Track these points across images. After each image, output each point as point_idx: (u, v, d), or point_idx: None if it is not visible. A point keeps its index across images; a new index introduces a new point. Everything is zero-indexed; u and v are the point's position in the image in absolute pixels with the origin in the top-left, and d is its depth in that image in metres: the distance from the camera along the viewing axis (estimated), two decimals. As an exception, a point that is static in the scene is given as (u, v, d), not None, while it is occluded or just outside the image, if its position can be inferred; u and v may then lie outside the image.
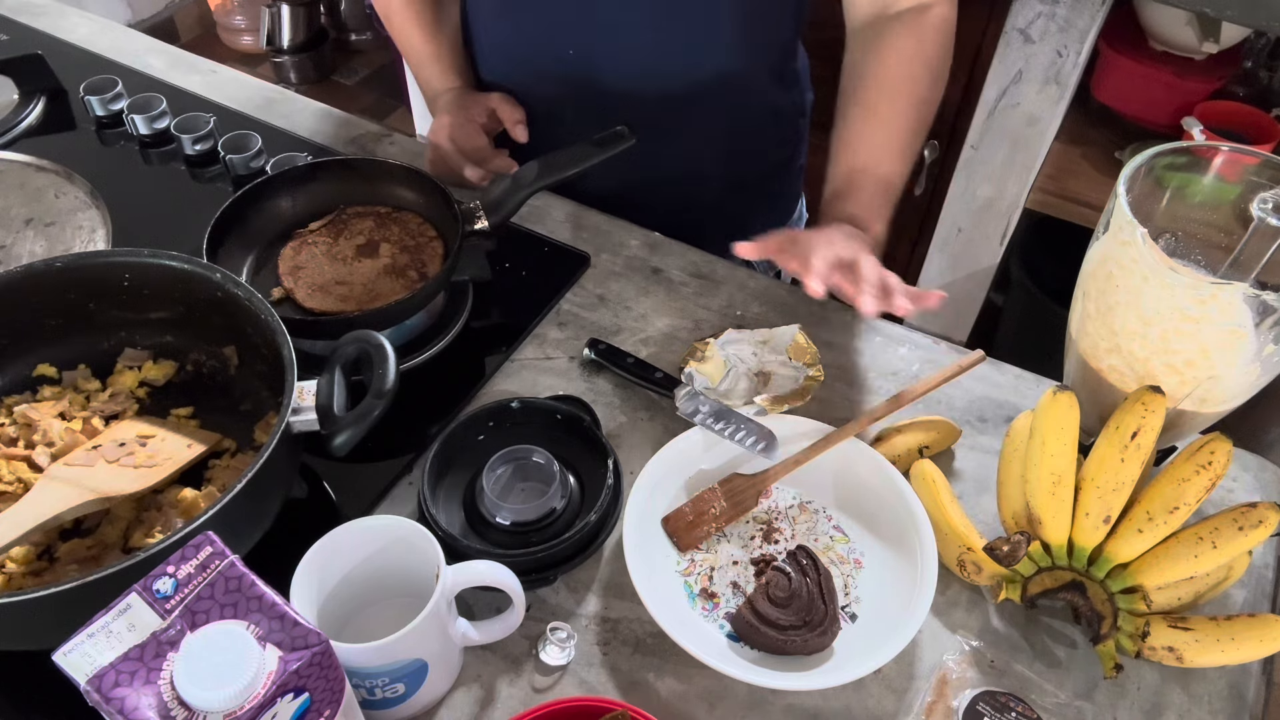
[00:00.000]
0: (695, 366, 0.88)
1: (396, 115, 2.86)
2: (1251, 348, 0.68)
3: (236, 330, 0.78)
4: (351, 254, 0.93)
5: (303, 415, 0.70)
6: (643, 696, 0.70)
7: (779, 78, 1.09)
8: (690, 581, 0.76)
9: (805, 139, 1.19)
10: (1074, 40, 1.50)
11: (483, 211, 0.91)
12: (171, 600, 0.53)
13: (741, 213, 1.17)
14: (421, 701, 0.67)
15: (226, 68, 1.27)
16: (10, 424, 0.77)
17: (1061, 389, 0.73)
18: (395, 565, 0.68)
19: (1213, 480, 0.69)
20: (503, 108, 1.05)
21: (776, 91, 1.10)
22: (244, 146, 1.08)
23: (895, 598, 0.73)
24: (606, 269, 1.01)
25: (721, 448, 0.81)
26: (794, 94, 1.13)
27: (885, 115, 0.95)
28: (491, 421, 0.80)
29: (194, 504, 0.73)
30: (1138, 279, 0.70)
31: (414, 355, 0.90)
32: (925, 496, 0.76)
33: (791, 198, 1.23)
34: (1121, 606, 0.70)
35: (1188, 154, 0.75)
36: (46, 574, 0.70)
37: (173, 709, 0.50)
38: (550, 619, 0.73)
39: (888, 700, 0.70)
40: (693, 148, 1.08)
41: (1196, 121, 1.55)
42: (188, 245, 0.81)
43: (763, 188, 1.17)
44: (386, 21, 1.13)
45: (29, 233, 0.97)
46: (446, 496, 0.77)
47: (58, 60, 1.19)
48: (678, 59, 1.00)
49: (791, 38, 1.08)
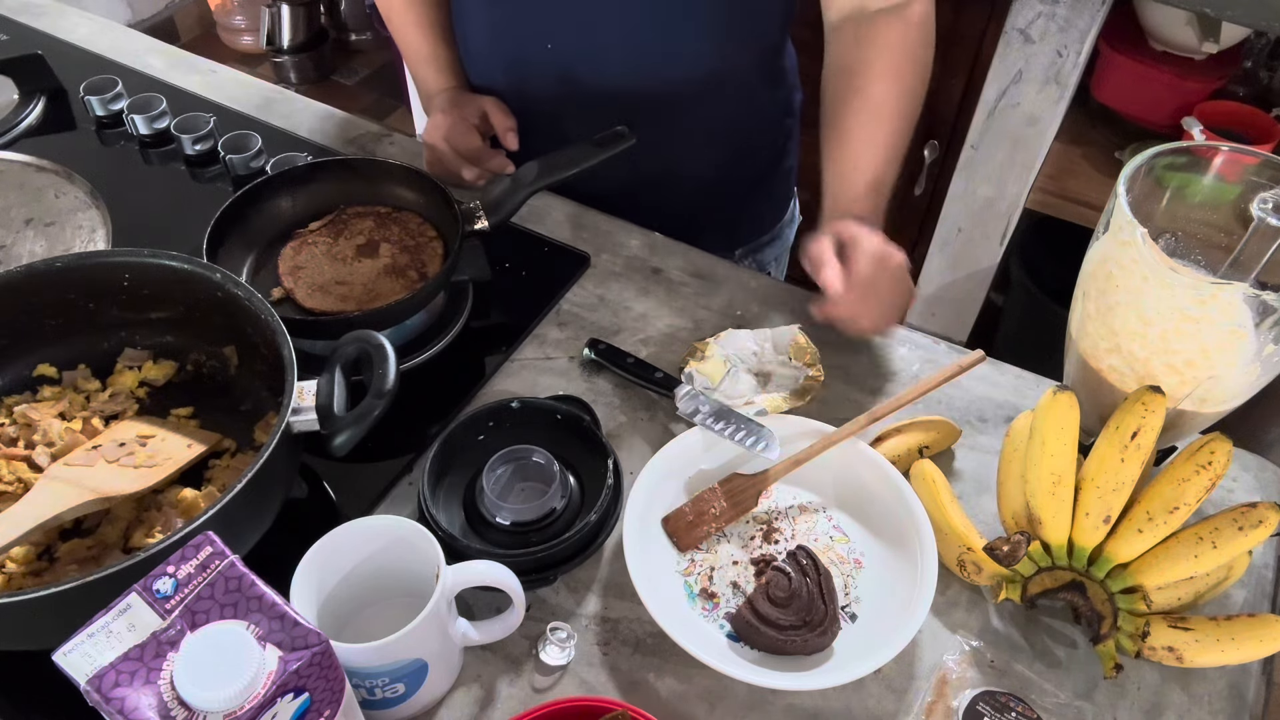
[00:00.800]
0: (695, 366, 0.88)
1: (396, 115, 2.86)
2: (1251, 348, 0.68)
3: (236, 330, 0.78)
4: (351, 254, 0.93)
5: (303, 415, 0.70)
6: (643, 696, 0.70)
7: (768, 76, 1.09)
8: (690, 581, 0.76)
9: (796, 137, 1.19)
10: (1074, 40, 1.50)
11: (483, 211, 0.91)
12: (171, 600, 0.53)
13: (734, 211, 1.17)
14: (421, 701, 0.67)
15: (226, 68, 1.27)
16: (10, 424, 0.77)
17: (1061, 389, 0.73)
18: (395, 565, 0.68)
19: (1213, 480, 0.69)
20: (495, 113, 1.05)
21: (766, 90, 1.10)
22: (244, 146, 1.08)
23: (895, 598, 0.73)
24: (606, 269, 1.01)
25: (721, 448, 0.81)
26: (783, 92, 1.13)
27: (875, 111, 0.95)
28: (491, 421, 0.80)
29: (194, 504, 0.73)
30: (1138, 279, 0.70)
31: (414, 355, 0.90)
32: (925, 496, 0.76)
33: (784, 196, 1.23)
34: (1121, 606, 0.70)
35: (1188, 154, 0.75)
36: (46, 574, 0.70)
37: (173, 709, 0.50)
38: (550, 619, 0.73)
39: (888, 700, 0.70)
40: (682, 147, 1.08)
41: (1196, 121, 1.55)
42: (188, 245, 0.81)
43: (754, 186, 1.17)
44: (387, 20, 1.13)
45: (29, 233, 0.97)
46: (446, 496, 0.77)
47: (58, 60, 1.19)
48: (665, 59, 1.00)
49: (780, 37, 1.08)
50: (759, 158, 1.15)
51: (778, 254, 1.26)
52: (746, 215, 1.20)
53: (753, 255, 1.22)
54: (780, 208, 1.23)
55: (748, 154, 1.14)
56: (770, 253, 1.24)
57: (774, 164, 1.17)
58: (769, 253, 1.24)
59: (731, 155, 1.12)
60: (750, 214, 1.20)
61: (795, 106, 1.16)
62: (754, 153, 1.14)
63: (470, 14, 1.06)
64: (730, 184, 1.14)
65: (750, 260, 1.21)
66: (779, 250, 1.26)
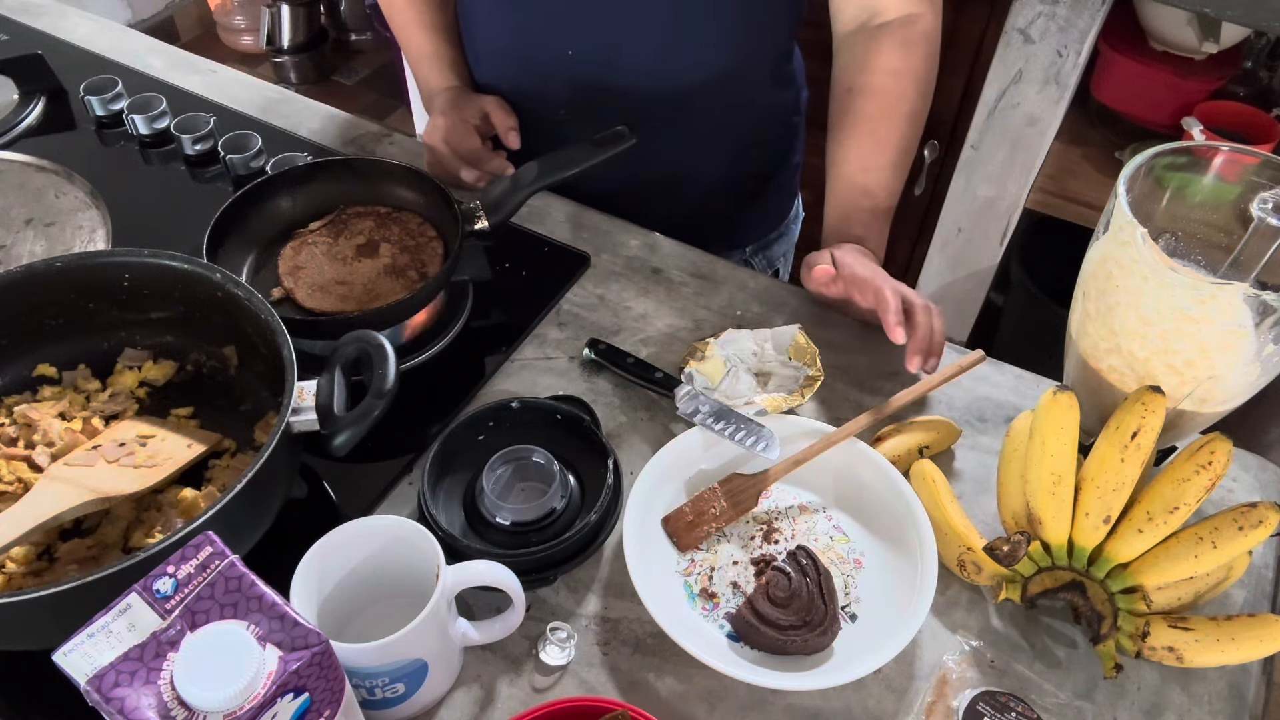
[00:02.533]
0: (695, 366, 0.88)
1: (396, 115, 2.86)
2: (1251, 348, 0.68)
3: (236, 330, 0.78)
4: (351, 254, 0.93)
5: (303, 415, 0.70)
6: (643, 696, 0.70)
7: (775, 79, 1.10)
8: (690, 581, 0.76)
9: (801, 136, 1.20)
10: (1074, 40, 1.50)
11: (483, 211, 0.91)
12: (171, 600, 0.53)
13: (739, 211, 1.17)
14: (421, 701, 0.67)
15: (226, 68, 1.27)
16: (10, 424, 0.77)
17: (1061, 389, 0.73)
18: (395, 565, 0.68)
19: (1213, 480, 0.69)
20: (496, 113, 1.05)
21: (773, 92, 1.11)
22: (244, 146, 1.08)
23: (895, 598, 0.73)
24: (606, 269, 1.01)
25: (721, 448, 0.81)
26: (789, 93, 1.13)
27: (879, 135, 0.97)
28: (491, 421, 0.80)
29: (194, 504, 0.73)
30: (1138, 279, 0.70)
31: (414, 355, 0.90)
32: (925, 496, 0.76)
33: (788, 195, 1.24)
34: (1121, 606, 0.70)
35: (1188, 154, 0.75)
36: (46, 574, 0.70)
37: (173, 709, 0.50)
38: (550, 619, 0.73)
39: (888, 700, 0.70)
40: (690, 148, 1.08)
41: (1196, 121, 1.55)
42: (188, 245, 0.81)
43: (760, 186, 1.18)
44: (389, 17, 1.13)
45: (29, 233, 0.97)
46: (446, 496, 0.77)
47: (58, 60, 1.19)
48: (683, 64, 1.00)
49: (787, 41, 1.09)
50: (767, 157, 1.16)
51: (785, 250, 1.28)
52: (756, 213, 1.20)
53: (762, 252, 1.23)
54: (787, 204, 1.24)
55: (757, 153, 1.14)
56: (779, 249, 1.25)
57: (780, 162, 1.18)
58: (778, 249, 1.25)
59: (740, 155, 1.12)
60: (759, 212, 1.20)
61: (801, 105, 1.17)
62: (762, 152, 1.15)
63: (487, 18, 1.06)
64: (740, 183, 1.15)
65: (760, 257, 1.22)
66: (786, 246, 1.27)
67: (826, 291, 0.91)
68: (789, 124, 1.16)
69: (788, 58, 1.11)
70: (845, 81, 0.99)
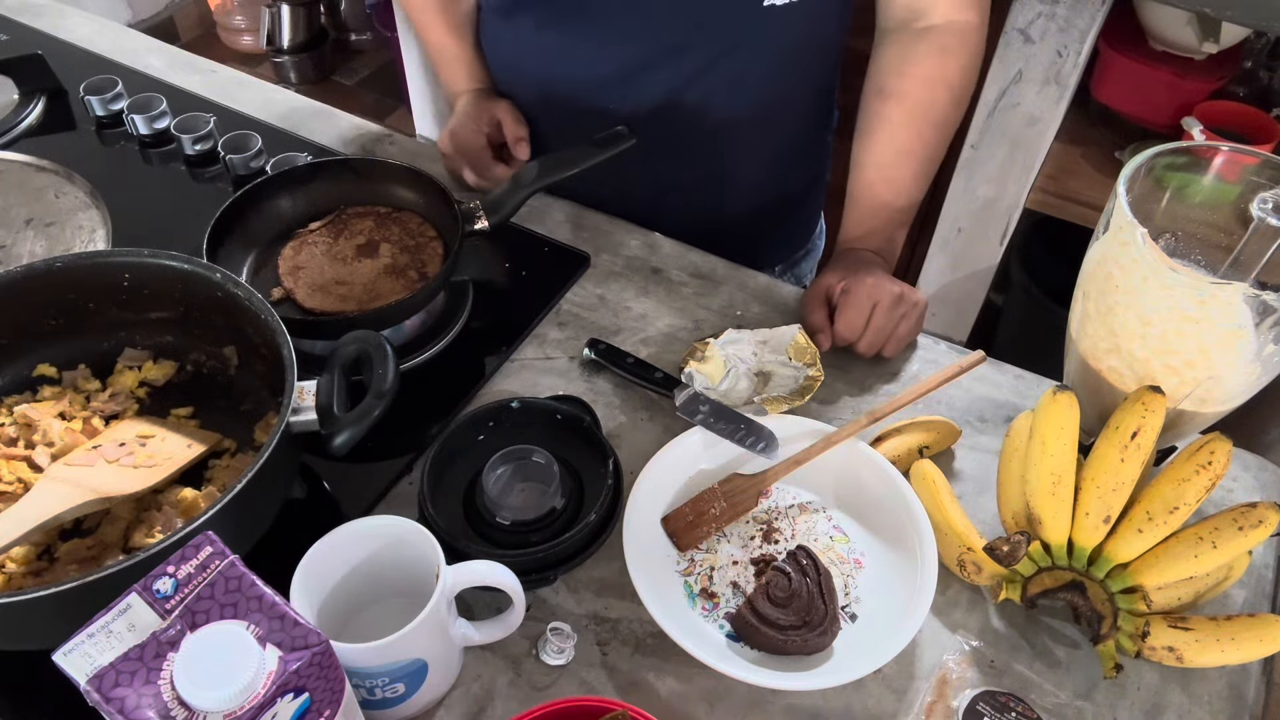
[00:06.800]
0: (695, 366, 0.88)
1: (396, 115, 2.86)
2: (1251, 348, 0.68)
3: (236, 330, 0.78)
4: (351, 254, 0.93)
5: (303, 415, 0.70)
6: (643, 696, 0.70)
7: (816, 111, 1.10)
8: (690, 581, 0.76)
9: (830, 152, 1.19)
10: (1074, 40, 1.50)
11: (482, 211, 0.91)
12: (171, 600, 0.53)
13: (769, 231, 1.18)
14: (421, 701, 0.67)
15: (226, 68, 1.27)
16: (10, 424, 0.77)
17: (1061, 389, 0.73)
18: (395, 565, 0.68)
19: (1213, 480, 0.69)
20: (508, 121, 1.05)
21: (812, 121, 1.10)
22: (244, 146, 1.08)
23: (895, 598, 0.73)
24: (606, 269, 1.01)
25: (721, 448, 0.81)
26: (827, 118, 1.14)
27: (903, 144, 0.96)
28: (491, 421, 0.80)
29: (194, 504, 0.73)
30: (1138, 279, 0.70)
31: (414, 355, 0.90)
32: (925, 496, 0.76)
33: (815, 210, 1.24)
34: (1121, 606, 0.70)
35: (1188, 154, 0.75)
36: (46, 574, 0.70)
37: (173, 709, 0.50)
38: (550, 619, 0.73)
39: (888, 700, 0.70)
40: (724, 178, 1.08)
41: (1196, 121, 1.55)
42: (188, 245, 0.81)
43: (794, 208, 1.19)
44: (410, 17, 1.13)
45: (29, 233, 0.97)
46: (446, 496, 0.77)
47: (58, 60, 1.19)
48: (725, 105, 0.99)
49: (830, 76, 1.07)
50: (800, 183, 1.16)
51: (811, 266, 1.28)
52: (783, 235, 1.21)
53: (790, 270, 1.23)
54: (812, 222, 1.25)
55: (790, 181, 1.14)
56: (805, 266, 1.26)
57: (811, 184, 1.19)
58: (804, 266, 1.26)
59: (772, 182, 1.12)
60: (786, 234, 1.21)
61: (833, 123, 1.17)
62: (795, 179, 1.15)
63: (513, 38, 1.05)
64: (771, 210, 1.15)
65: (789, 275, 1.23)
66: (812, 263, 1.28)
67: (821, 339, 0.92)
68: (823, 143, 1.16)
69: (830, 93, 1.10)
70: (878, 82, 0.97)
